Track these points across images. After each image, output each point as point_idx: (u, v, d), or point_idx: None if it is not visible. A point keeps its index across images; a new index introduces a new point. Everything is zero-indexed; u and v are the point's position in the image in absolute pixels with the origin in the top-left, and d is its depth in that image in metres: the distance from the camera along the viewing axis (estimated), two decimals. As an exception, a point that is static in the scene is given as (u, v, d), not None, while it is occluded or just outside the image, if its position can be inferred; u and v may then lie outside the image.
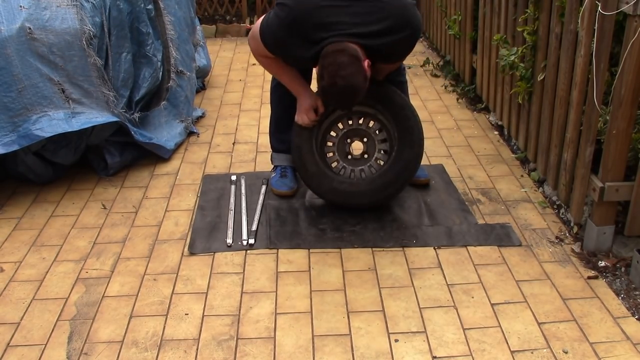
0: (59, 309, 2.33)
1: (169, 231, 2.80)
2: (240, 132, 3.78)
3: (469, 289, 2.41)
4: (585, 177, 2.59)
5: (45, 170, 3.14)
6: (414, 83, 4.47)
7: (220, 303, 2.35)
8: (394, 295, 2.37)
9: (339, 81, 2.36)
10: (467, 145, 3.56)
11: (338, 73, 2.35)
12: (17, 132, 2.85)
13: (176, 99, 3.60)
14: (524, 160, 3.33)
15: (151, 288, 2.44)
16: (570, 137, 2.69)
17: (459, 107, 4.09)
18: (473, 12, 4.09)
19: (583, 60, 2.53)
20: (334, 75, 2.36)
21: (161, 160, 3.42)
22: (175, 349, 2.13)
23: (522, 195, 3.05)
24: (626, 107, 2.36)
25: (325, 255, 2.61)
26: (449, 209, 2.92)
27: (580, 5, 2.51)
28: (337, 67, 2.36)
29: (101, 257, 2.63)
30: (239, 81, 4.63)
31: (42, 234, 2.80)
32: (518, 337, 2.16)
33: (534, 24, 3.03)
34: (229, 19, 6.04)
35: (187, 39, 3.85)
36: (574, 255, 2.60)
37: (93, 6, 3.02)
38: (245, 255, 2.62)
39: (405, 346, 2.13)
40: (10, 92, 2.82)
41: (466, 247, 2.65)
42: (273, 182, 3.07)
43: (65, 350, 2.13)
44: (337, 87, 2.37)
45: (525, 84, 3.13)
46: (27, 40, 2.83)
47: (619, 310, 2.28)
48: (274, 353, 2.11)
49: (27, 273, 2.54)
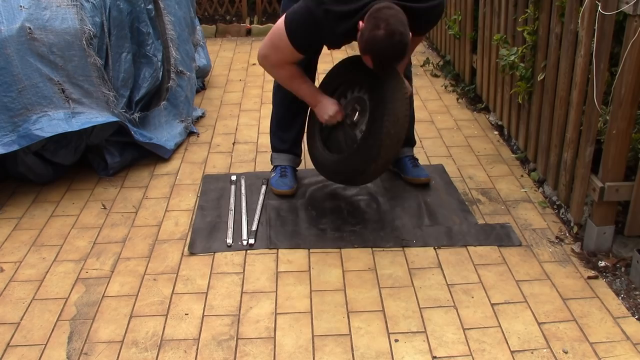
0: (59, 309, 2.33)
1: (169, 231, 2.80)
2: (240, 132, 3.78)
3: (469, 289, 2.41)
4: (585, 177, 2.59)
5: (45, 170, 3.14)
6: (414, 83, 4.47)
7: (220, 303, 2.35)
8: (394, 295, 2.37)
9: (397, 36, 2.28)
10: (467, 145, 3.56)
11: (397, 27, 2.28)
12: (17, 132, 2.85)
13: (176, 99, 3.60)
14: (524, 160, 3.33)
15: (151, 288, 2.44)
16: (570, 137, 2.69)
17: (459, 107, 4.09)
18: (473, 12, 4.09)
19: (583, 60, 2.53)
20: (392, 27, 2.27)
21: (161, 160, 3.42)
22: (175, 349, 2.13)
23: (522, 195, 3.05)
24: (626, 107, 2.36)
25: (325, 255, 2.61)
26: (449, 209, 2.92)
27: (580, 5, 2.51)
28: (396, 21, 2.28)
29: (101, 257, 2.63)
30: (239, 81, 4.63)
31: (42, 234, 2.80)
32: (518, 337, 2.16)
33: (534, 24, 3.03)
34: (229, 19, 6.04)
35: (187, 39, 3.85)
36: (574, 255, 2.60)
37: (93, 6, 3.02)
38: (245, 255, 2.62)
39: (405, 346, 2.13)
40: (10, 92, 2.82)
41: (466, 247, 2.65)
42: (273, 181, 3.07)
43: (65, 350, 2.13)
44: (393, 40, 2.29)
45: (525, 84, 3.13)
46: (27, 40, 2.83)
47: (619, 310, 2.28)
48: (274, 353, 2.11)
49: (27, 273, 2.54)
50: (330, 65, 3.11)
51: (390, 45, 2.30)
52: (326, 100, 2.76)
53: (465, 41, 4.22)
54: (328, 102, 2.76)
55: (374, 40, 2.31)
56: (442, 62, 4.79)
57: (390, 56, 2.35)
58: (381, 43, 2.30)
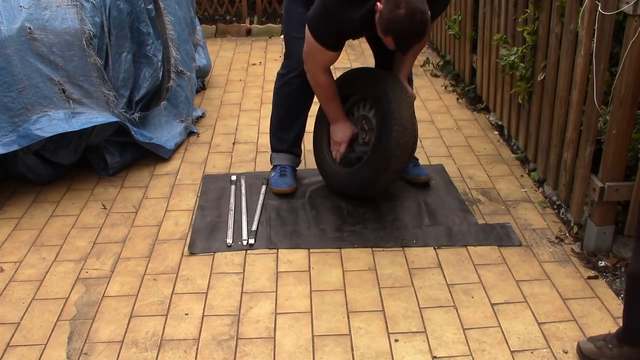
0: (59, 309, 2.33)
1: (169, 231, 2.80)
2: (240, 132, 3.78)
3: (469, 289, 2.41)
4: (585, 177, 2.59)
5: (45, 170, 3.14)
6: (414, 83, 4.46)
7: (220, 303, 2.35)
8: (394, 295, 2.37)
9: (418, 15, 2.30)
10: (467, 145, 3.56)
11: (417, 6, 2.29)
12: (17, 132, 2.85)
13: (176, 99, 3.60)
14: (524, 160, 3.33)
15: (151, 288, 2.44)
16: (570, 137, 2.69)
17: (459, 107, 4.09)
18: (473, 12, 4.09)
19: (583, 60, 2.53)
20: (413, 6, 2.28)
21: (161, 160, 3.42)
22: (175, 349, 2.13)
23: (522, 195, 3.05)
24: (626, 107, 2.36)
25: (325, 255, 2.61)
26: (449, 209, 2.92)
27: (580, 5, 2.51)
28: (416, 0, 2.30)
29: (101, 257, 2.63)
30: (239, 81, 4.63)
31: (42, 234, 2.80)
32: (518, 337, 2.16)
33: (534, 24, 3.03)
34: (229, 19, 6.04)
35: (187, 39, 3.85)
36: (574, 255, 2.60)
37: (93, 6, 3.02)
38: (245, 255, 2.62)
39: (405, 346, 2.13)
40: (11, 92, 2.82)
41: (466, 247, 2.65)
42: (272, 181, 3.07)
43: (65, 350, 2.13)
44: (414, 19, 2.30)
45: (525, 84, 3.13)
46: (27, 40, 2.83)
47: (619, 310, 2.28)
48: (274, 353, 2.11)
49: (27, 273, 2.54)
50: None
51: (412, 24, 2.31)
52: (346, 124, 2.87)
53: (465, 41, 4.22)
54: (347, 125, 2.87)
55: (395, 20, 2.32)
56: (442, 62, 4.79)
57: (412, 34, 2.36)
58: (403, 22, 2.31)
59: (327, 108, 2.86)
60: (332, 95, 2.80)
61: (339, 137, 2.88)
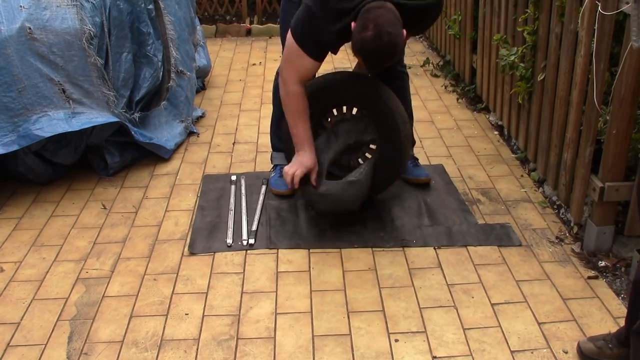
0: (59, 309, 2.33)
1: (169, 231, 2.80)
2: (240, 132, 3.78)
3: (469, 289, 2.41)
4: (585, 177, 2.59)
5: (45, 170, 3.14)
6: (414, 83, 4.47)
7: (220, 303, 2.35)
8: (394, 295, 2.37)
9: (385, 37, 2.27)
10: (467, 145, 3.56)
11: (385, 28, 2.27)
12: (17, 132, 2.85)
13: (176, 99, 3.60)
14: (524, 160, 3.33)
15: (151, 288, 2.44)
16: (570, 137, 2.69)
17: (459, 107, 4.09)
18: (473, 12, 4.09)
19: (583, 60, 2.53)
20: (381, 29, 2.26)
21: (161, 160, 3.42)
22: (175, 349, 2.13)
23: (522, 195, 3.05)
24: (626, 107, 2.36)
25: (325, 255, 2.61)
26: (449, 209, 2.92)
27: (580, 5, 2.51)
28: (384, 21, 2.27)
29: (101, 257, 2.63)
30: (239, 81, 4.63)
31: (42, 234, 2.80)
32: (518, 337, 2.16)
33: (534, 24, 3.03)
34: (229, 19, 6.04)
35: (187, 39, 3.85)
36: (574, 255, 2.60)
37: (93, 6, 3.02)
38: (245, 255, 2.62)
39: (405, 346, 2.13)
40: (10, 92, 2.82)
41: (466, 247, 2.65)
42: (272, 181, 3.07)
43: (65, 350, 2.13)
44: (382, 42, 2.27)
45: (525, 84, 3.13)
46: (27, 40, 2.83)
47: (619, 310, 2.28)
48: (274, 353, 2.11)
49: (27, 273, 2.54)
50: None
51: (379, 47, 2.29)
52: (310, 154, 2.64)
53: (465, 41, 4.22)
54: (310, 156, 2.64)
55: (362, 42, 2.31)
56: (442, 62, 4.79)
57: (379, 57, 2.35)
58: (369, 45, 2.29)
59: (295, 123, 2.61)
60: (303, 109, 2.60)
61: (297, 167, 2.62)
